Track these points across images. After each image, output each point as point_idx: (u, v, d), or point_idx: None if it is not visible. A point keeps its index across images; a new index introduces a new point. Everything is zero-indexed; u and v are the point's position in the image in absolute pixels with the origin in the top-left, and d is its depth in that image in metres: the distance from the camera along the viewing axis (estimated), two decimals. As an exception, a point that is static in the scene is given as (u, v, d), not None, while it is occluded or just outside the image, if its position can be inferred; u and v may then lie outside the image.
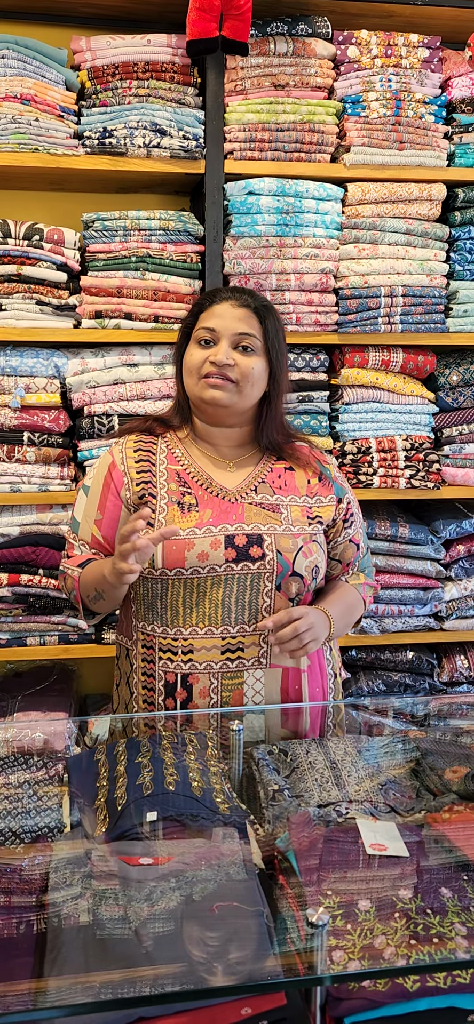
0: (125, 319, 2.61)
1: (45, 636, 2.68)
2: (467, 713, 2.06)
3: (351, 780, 1.46)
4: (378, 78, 2.68)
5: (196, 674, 1.71)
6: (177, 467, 1.79)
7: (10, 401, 2.57)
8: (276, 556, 1.71)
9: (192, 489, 1.76)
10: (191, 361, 1.77)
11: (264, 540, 1.72)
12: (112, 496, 1.78)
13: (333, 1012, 1.02)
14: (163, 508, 1.73)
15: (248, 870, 1.20)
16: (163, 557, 1.69)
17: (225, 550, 1.70)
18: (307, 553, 1.74)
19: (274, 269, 2.66)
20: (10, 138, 2.49)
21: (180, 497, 1.74)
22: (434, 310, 2.79)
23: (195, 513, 1.72)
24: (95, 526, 1.79)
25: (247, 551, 1.70)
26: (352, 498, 1.91)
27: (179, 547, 1.69)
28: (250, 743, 1.65)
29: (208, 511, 1.73)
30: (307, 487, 1.82)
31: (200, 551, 1.69)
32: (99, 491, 1.79)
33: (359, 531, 1.92)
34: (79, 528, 1.82)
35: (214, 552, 1.69)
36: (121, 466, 1.79)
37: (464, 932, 1.09)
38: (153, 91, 2.57)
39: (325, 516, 1.81)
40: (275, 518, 1.75)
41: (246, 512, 1.74)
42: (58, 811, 1.36)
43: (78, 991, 0.99)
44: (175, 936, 1.07)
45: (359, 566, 1.93)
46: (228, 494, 1.76)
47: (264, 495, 1.77)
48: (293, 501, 1.79)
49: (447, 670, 2.93)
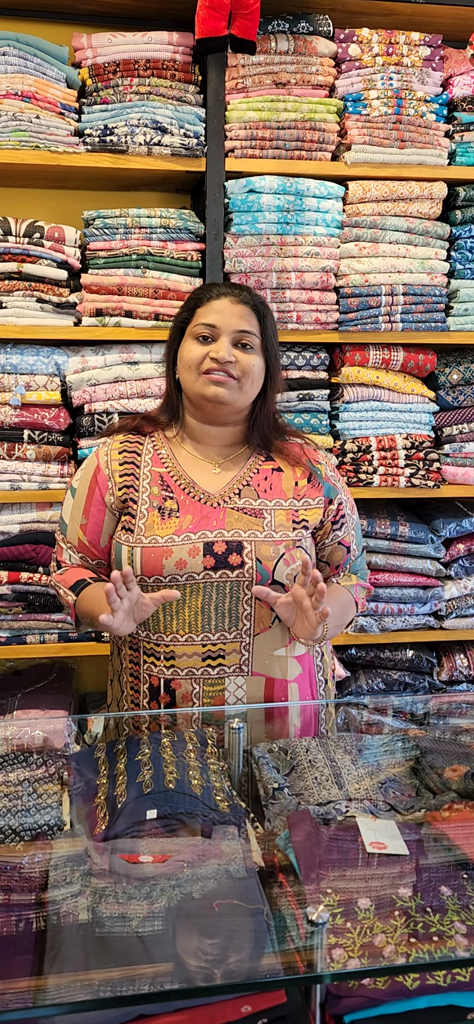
0: (125, 317, 2.61)
1: (45, 634, 2.68)
2: (467, 712, 2.06)
3: (351, 778, 1.46)
4: (379, 76, 2.68)
5: (178, 679, 1.69)
6: (161, 469, 1.77)
7: (10, 399, 2.57)
8: (255, 564, 1.68)
9: (174, 493, 1.74)
10: (190, 357, 1.74)
11: (244, 548, 1.69)
12: (96, 500, 1.77)
13: (333, 1010, 1.02)
14: (144, 514, 1.72)
15: (248, 868, 1.20)
16: (141, 564, 1.68)
17: (203, 558, 1.67)
18: (289, 560, 1.70)
19: (275, 267, 2.66)
20: (11, 135, 2.49)
21: (161, 502, 1.72)
22: (435, 309, 2.79)
23: (175, 519, 1.70)
24: (80, 530, 1.78)
25: (226, 559, 1.68)
26: (345, 499, 1.86)
27: (157, 555, 1.67)
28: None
29: (188, 517, 1.71)
30: (294, 489, 1.78)
31: (178, 559, 1.67)
32: (85, 495, 1.79)
33: (351, 533, 1.88)
34: (67, 530, 1.81)
35: (192, 560, 1.67)
36: (105, 470, 1.78)
37: (464, 930, 1.09)
38: (154, 89, 2.57)
39: (311, 519, 1.77)
40: (257, 524, 1.72)
41: (227, 518, 1.71)
42: (58, 809, 1.36)
43: (78, 989, 1.00)
44: (175, 934, 1.07)
45: (351, 568, 1.90)
46: (210, 499, 1.74)
47: (248, 499, 1.74)
48: (278, 505, 1.75)
49: (447, 669, 2.93)
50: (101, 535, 1.78)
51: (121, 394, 2.63)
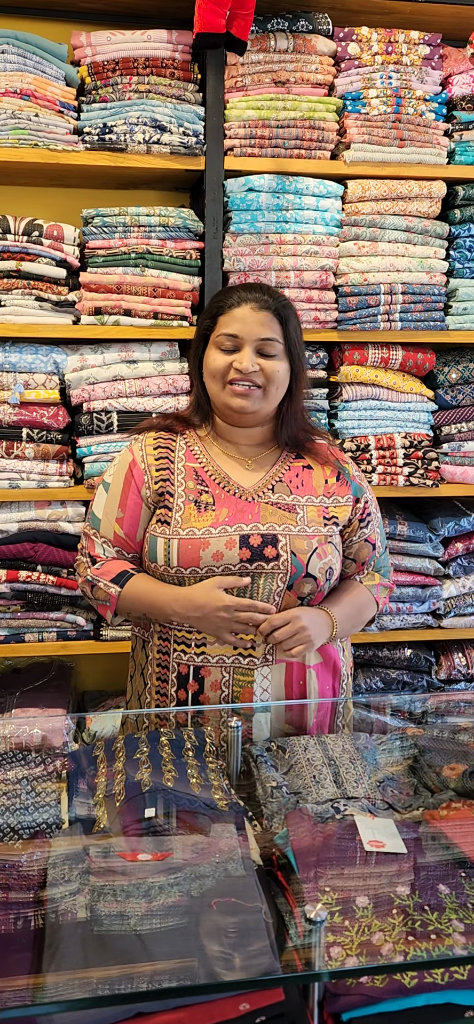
0: (124, 315, 2.61)
1: (43, 632, 2.68)
2: (465, 710, 2.06)
3: (349, 777, 1.46)
4: (378, 75, 2.68)
5: (208, 667, 1.73)
6: (195, 465, 1.80)
7: (9, 397, 2.57)
8: (290, 557, 1.72)
9: (209, 487, 1.77)
10: (215, 366, 1.77)
11: (279, 540, 1.73)
12: (133, 494, 1.79)
13: (331, 1008, 1.02)
14: (180, 507, 1.75)
15: (246, 866, 1.20)
16: (178, 556, 1.71)
17: (240, 550, 1.71)
18: (322, 555, 1.75)
19: (273, 266, 2.66)
20: (10, 133, 2.49)
21: (197, 496, 1.75)
22: (433, 308, 2.79)
23: (211, 512, 1.74)
24: (117, 524, 1.80)
25: (262, 551, 1.71)
26: (370, 497, 1.91)
27: (194, 546, 1.71)
28: (247, 739, 1.66)
29: (224, 510, 1.74)
30: (324, 487, 1.82)
31: (215, 551, 1.70)
32: (120, 488, 1.80)
33: (376, 531, 1.92)
34: (100, 525, 1.82)
35: (229, 552, 1.71)
36: (141, 464, 1.80)
37: (461, 928, 1.10)
38: (153, 87, 2.57)
39: (341, 516, 1.82)
40: (291, 518, 1.76)
41: (262, 512, 1.75)
42: (56, 807, 1.36)
43: (76, 987, 1.00)
44: (173, 932, 1.07)
45: (375, 566, 1.93)
46: (245, 493, 1.77)
47: (281, 495, 1.78)
48: (310, 501, 1.79)
49: (445, 668, 2.94)
50: (138, 528, 1.80)
51: (120, 393, 2.63)
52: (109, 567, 1.79)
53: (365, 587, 1.90)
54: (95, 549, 1.82)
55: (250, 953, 1.05)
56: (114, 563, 1.80)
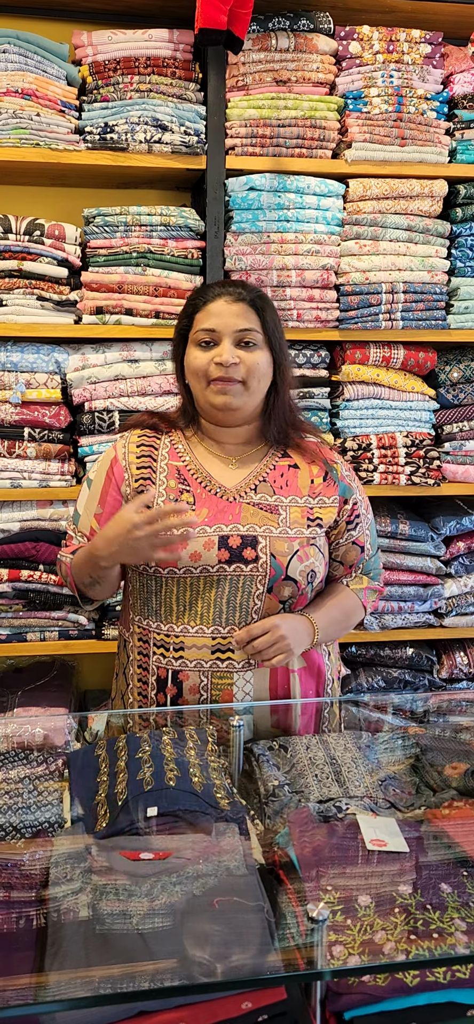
0: (126, 315, 2.61)
1: (45, 632, 2.68)
2: (466, 710, 2.06)
3: (351, 776, 1.46)
4: (380, 74, 2.68)
5: (186, 671, 1.70)
6: (178, 463, 1.78)
7: (11, 397, 2.57)
8: (269, 559, 1.69)
9: (191, 486, 1.75)
10: (196, 364, 1.74)
11: (259, 542, 1.70)
12: (113, 491, 1.78)
13: (333, 1007, 1.02)
14: (160, 505, 1.72)
15: (248, 865, 1.20)
16: None
17: (218, 551, 1.68)
18: (303, 557, 1.71)
19: (275, 265, 2.66)
20: (11, 133, 2.49)
21: (178, 495, 1.73)
22: (435, 307, 2.79)
23: (191, 512, 1.71)
24: (94, 519, 1.79)
25: (240, 553, 1.68)
26: (360, 499, 1.86)
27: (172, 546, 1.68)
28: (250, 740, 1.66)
29: (205, 510, 1.72)
30: (310, 487, 1.78)
31: (193, 551, 1.68)
32: (101, 485, 1.80)
33: (366, 533, 1.87)
34: (79, 520, 1.82)
35: (207, 552, 1.68)
36: (122, 461, 1.79)
37: (463, 927, 1.10)
38: (154, 86, 2.57)
39: (326, 518, 1.78)
40: (272, 519, 1.72)
41: (243, 512, 1.72)
42: (58, 806, 1.36)
43: (78, 985, 1.00)
44: (175, 931, 1.07)
45: (364, 568, 1.89)
46: (227, 493, 1.75)
47: (263, 495, 1.75)
48: (293, 502, 1.75)
49: (447, 667, 2.93)
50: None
51: (121, 392, 2.64)
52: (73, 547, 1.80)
53: (352, 591, 1.86)
54: (72, 542, 1.83)
55: (252, 952, 1.05)
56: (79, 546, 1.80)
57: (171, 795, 1.33)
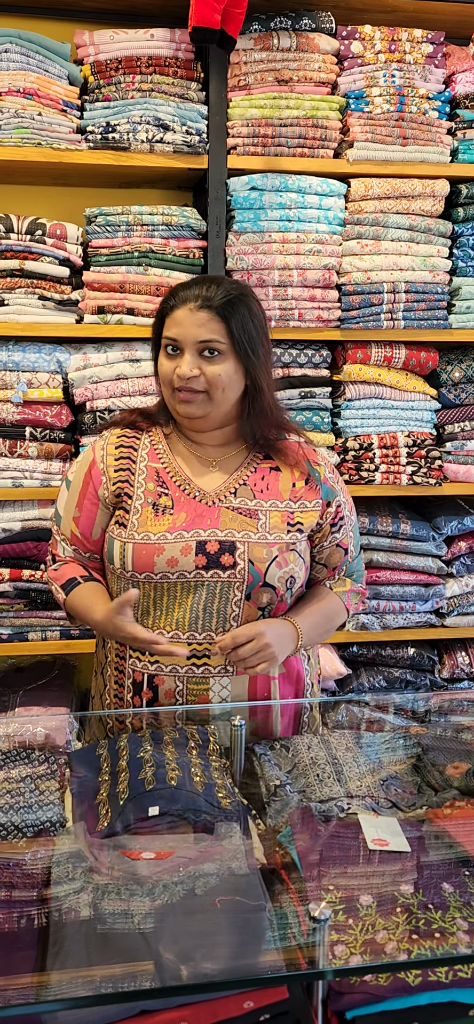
0: (127, 314, 2.61)
1: (46, 631, 2.68)
2: (468, 709, 2.06)
3: (352, 776, 1.46)
4: (382, 73, 2.68)
5: (162, 676, 1.68)
6: (158, 465, 1.75)
7: (12, 396, 2.57)
8: (247, 565, 1.65)
9: (169, 490, 1.72)
10: (162, 371, 1.71)
11: (237, 548, 1.66)
12: (90, 494, 1.76)
13: (335, 1006, 1.02)
14: (137, 509, 1.70)
15: (250, 865, 1.20)
16: (133, 560, 1.67)
17: (195, 556, 1.65)
18: (282, 563, 1.68)
19: (276, 265, 2.66)
20: (13, 132, 2.49)
21: (156, 498, 1.71)
22: (437, 306, 2.78)
23: (169, 516, 1.68)
24: (73, 523, 1.78)
25: (218, 559, 1.65)
26: (344, 500, 1.82)
27: (149, 551, 1.66)
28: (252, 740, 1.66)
29: (183, 515, 1.69)
30: (291, 491, 1.74)
31: (170, 556, 1.65)
32: (79, 488, 1.78)
33: (349, 535, 1.83)
34: (61, 523, 1.81)
35: (184, 558, 1.65)
36: (100, 464, 1.76)
37: (465, 927, 1.10)
38: (156, 86, 2.57)
39: (307, 522, 1.73)
40: (251, 525, 1.68)
41: (222, 517, 1.69)
42: (60, 806, 1.36)
43: (80, 985, 1.00)
44: (177, 930, 1.07)
45: (347, 571, 1.86)
46: (206, 497, 1.71)
47: (243, 499, 1.71)
48: (274, 506, 1.71)
49: (448, 666, 2.93)
50: (93, 528, 1.77)
51: (123, 392, 2.64)
52: (64, 571, 1.79)
53: (335, 594, 1.83)
54: (56, 547, 1.82)
55: (254, 951, 1.05)
56: (69, 566, 1.79)
57: (173, 795, 1.33)
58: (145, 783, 1.36)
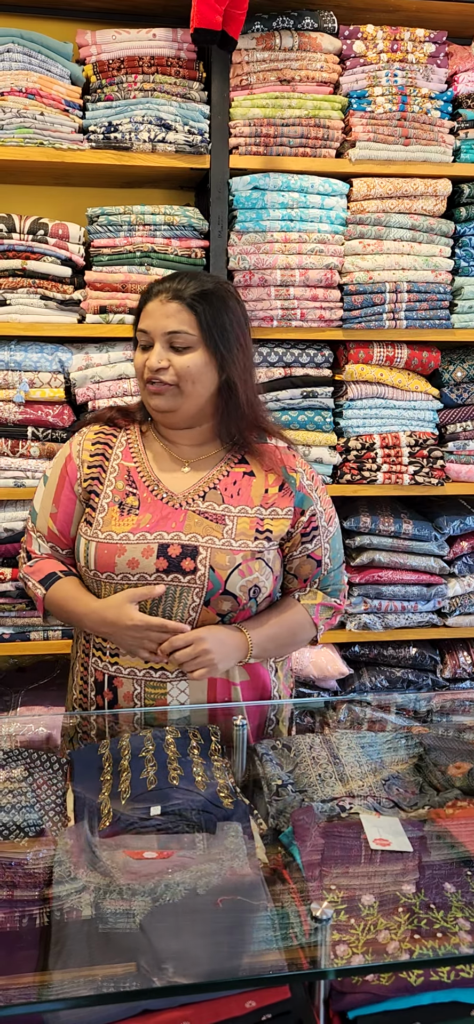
0: (129, 314, 2.61)
1: (48, 631, 2.68)
2: (470, 709, 2.06)
3: (354, 775, 1.46)
4: (384, 73, 2.67)
5: (120, 678, 1.68)
6: (130, 464, 1.73)
7: (14, 396, 2.57)
8: (208, 572, 1.62)
9: (138, 490, 1.70)
10: (135, 365, 1.71)
11: (199, 553, 1.63)
12: (67, 489, 1.75)
13: (337, 1006, 1.02)
14: (104, 508, 1.69)
15: (252, 864, 1.20)
16: (95, 559, 1.66)
17: (157, 559, 1.63)
18: (245, 572, 1.64)
19: (279, 264, 2.66)
20: (15, 132, 2.49)
21: (123, 497, 1.69)
22: (439, 306, 2.78)
23: (134, 516, 1.66)
24: (51, 519, 1.77)
25: (179, 563, 1.62)
26: (321, 511, 1.75)
27: (110, 551, 1.65)
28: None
29: (148, 516, 1.66)
30: (263, 496, 1.69)
31: (131, 557, 1.63)
32: (55, 484, 1.77)
33: (325, 547, 1.77)
34: (37, 519, 1.80)
35: (145, 560, 1.63)
36: (77, 459, 1.76)
37: (467, 927, 1.09)
38: (158, 86, 2.57)
39: (276, 530, 1.69)
40: (216, 530, 1.65)
41: (187, 520, 1.66)
42: (61, 805, 1.36)
43: (81, 984, 1.00)
44: (179, 930, 1.07)
45: (320, 583, 1.79)
46: (173, 499, 1.68)
47: (211, 503, 1.68)
48: (243, 512, 1.68)
49: (450, 666, 2.93)
50: (71, 524, 1.76)
51: (125, 391, 2.64)
52: (41, 566, 1.77)
53: (302, 606, 1.76)
54: (31, 544, 1.80)
55: (256, 951, 1.05)
56: (46, 562, 1.77)
57: (174, 794, 1.33)
58: (147, 782, 1.36)
